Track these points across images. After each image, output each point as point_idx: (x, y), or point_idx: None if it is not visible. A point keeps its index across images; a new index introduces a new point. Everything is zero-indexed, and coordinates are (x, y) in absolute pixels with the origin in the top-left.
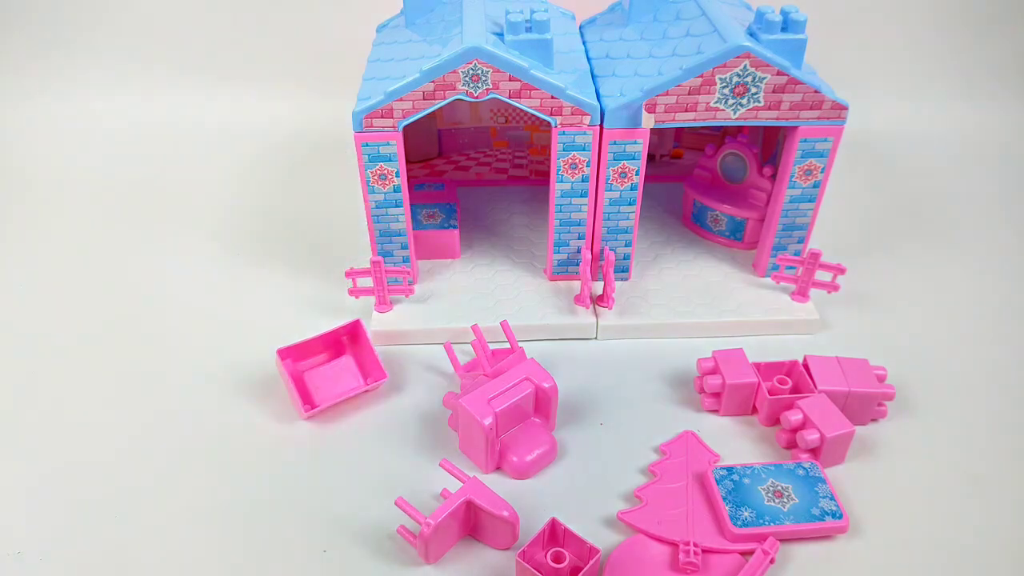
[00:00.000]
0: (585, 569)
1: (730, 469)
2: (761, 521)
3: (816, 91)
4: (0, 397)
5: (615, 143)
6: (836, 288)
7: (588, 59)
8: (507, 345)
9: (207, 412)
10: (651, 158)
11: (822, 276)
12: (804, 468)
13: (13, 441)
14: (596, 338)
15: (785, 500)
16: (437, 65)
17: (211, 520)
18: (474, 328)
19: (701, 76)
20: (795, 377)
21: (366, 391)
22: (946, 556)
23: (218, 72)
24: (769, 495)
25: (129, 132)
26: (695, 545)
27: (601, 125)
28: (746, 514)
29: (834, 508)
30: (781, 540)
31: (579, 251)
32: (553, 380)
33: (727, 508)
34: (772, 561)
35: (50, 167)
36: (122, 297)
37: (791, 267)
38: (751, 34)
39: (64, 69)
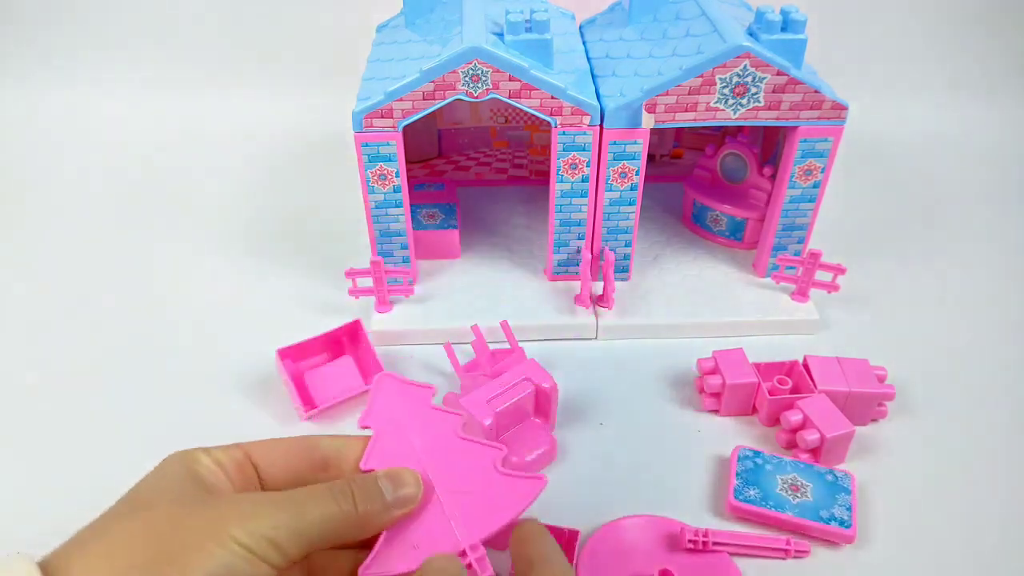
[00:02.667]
0: (576, 552)
1: (757, 452)
2: (764, 504)
3: (816, 91)
4: None
5: (615, 143)
6: (836, 288)
7: (588, 59)
8: (507, 345)
9: (207, 412)
10: (651, 158)
11: (822, 276)
12: (836, 476)
13: (13, 442)
14: (596, 338)
15: (798, 495)
16: (437, 65)
17: None
18: (474, 328)
19: (701, 76)
20: (795, 377)
21: (366, 391)
22: (948, 557)
23: (216, 72)
24: (785, 486)
25: (127, 132)
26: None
27: (601, 125)
28: (751, 493)
29: (846, 517)
30: (778, 529)
31: (579, 251)
32: (553, 380)
33: (735, 482)
34: (786, 553)
35: (49, 166)
36: (120, 297)
37: (791, 267)
38: (751, 34)
39: (63, 69)
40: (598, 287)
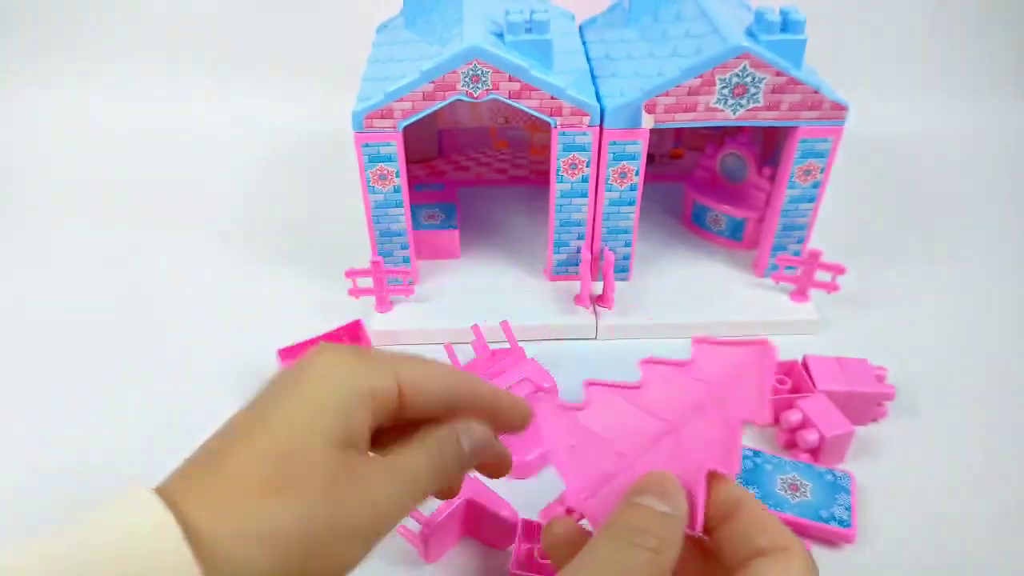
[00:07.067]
0: None
1: (757, 452)
2: (763, 503)
3: (816, 91)
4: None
5: (615, 143)
6: (836, 288)
7: (588, 59)
8: (507, 345)
9: (207, 412)
10: (651, 158)
11: (822, 276)
12: (835, 475)
13: (11, 442)
14: (596, 338)
15: (797, 495)
16: (437, 65)
17: None
18: (474, 328)
19: (700, 76)
20: (794, 377)
21: None
22: (947, 557)
23: (216, 73)
24: (784, 486)
25: (128, 133)
26: None
27: (601, 125)
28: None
29: (845, 517)
30: None
31: (579, 251)
32: (553, 380)
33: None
34: None
35: (48, 167)
36: (122, 297)
37: (791, 267)
38: (751, 34)
39: (64, 70)
40: (598, 287)
